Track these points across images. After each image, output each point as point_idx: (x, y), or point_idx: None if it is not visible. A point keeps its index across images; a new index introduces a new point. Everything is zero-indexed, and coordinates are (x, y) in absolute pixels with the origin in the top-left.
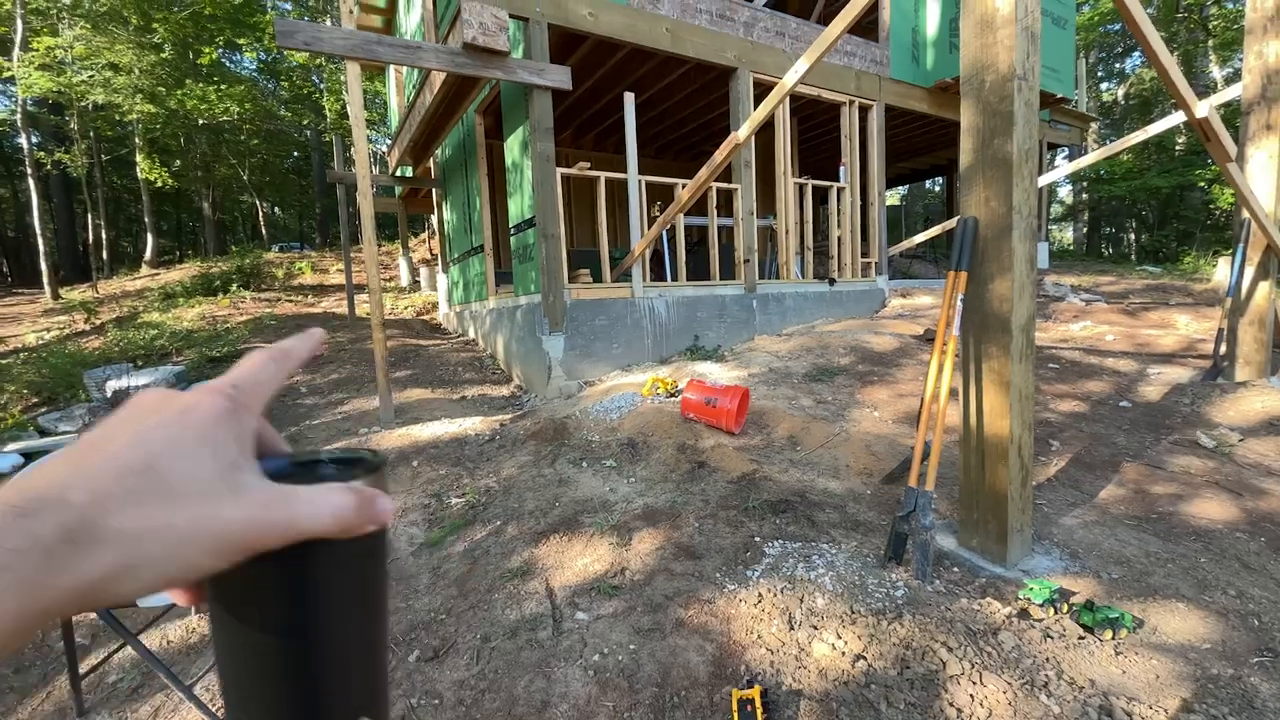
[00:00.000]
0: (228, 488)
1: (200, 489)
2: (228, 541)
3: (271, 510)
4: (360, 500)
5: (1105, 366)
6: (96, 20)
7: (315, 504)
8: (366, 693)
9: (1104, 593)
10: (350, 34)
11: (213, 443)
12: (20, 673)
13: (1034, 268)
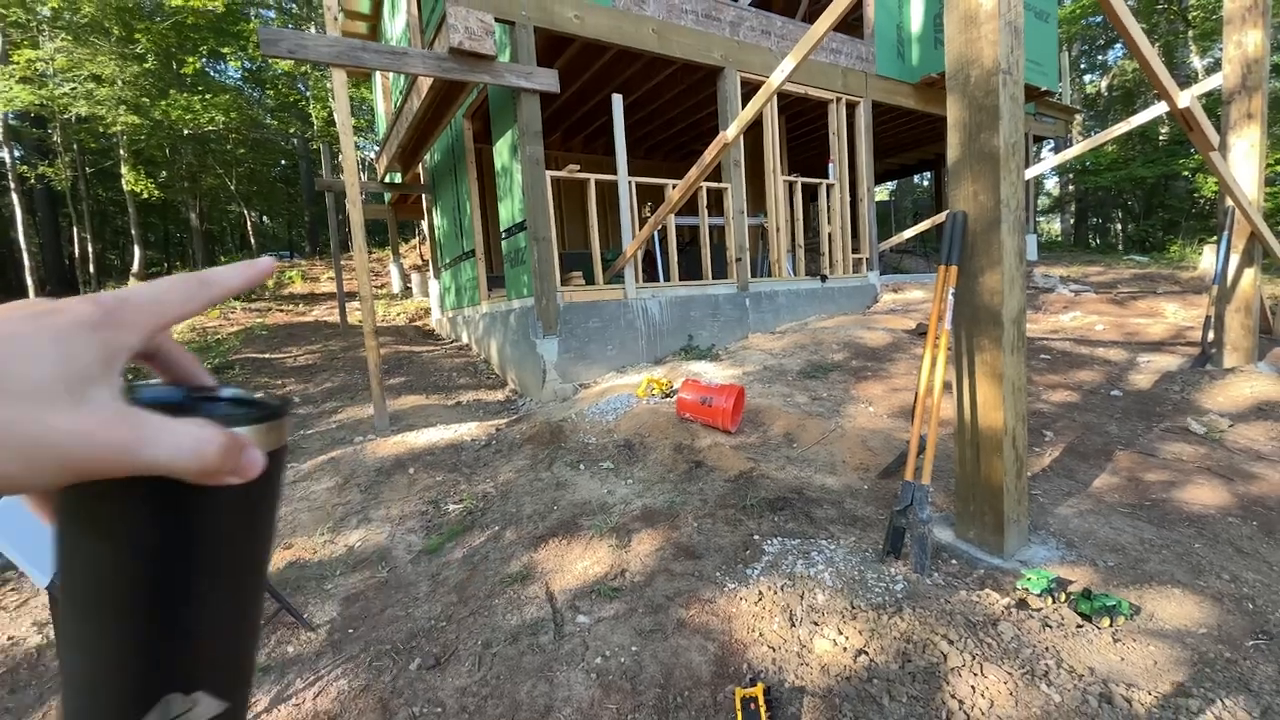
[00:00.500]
0: (69, 397)
1: (32, 390)
2: (46, 451)
3: (113, 431)
4: (229, 445)
5: (1096, 356)
6: (78, 32)
7: (174, 434)
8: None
9: (1101, 581)
10: (335, 41)
11: (68, 348)
12: (16, 692)
13: (1023, 260)
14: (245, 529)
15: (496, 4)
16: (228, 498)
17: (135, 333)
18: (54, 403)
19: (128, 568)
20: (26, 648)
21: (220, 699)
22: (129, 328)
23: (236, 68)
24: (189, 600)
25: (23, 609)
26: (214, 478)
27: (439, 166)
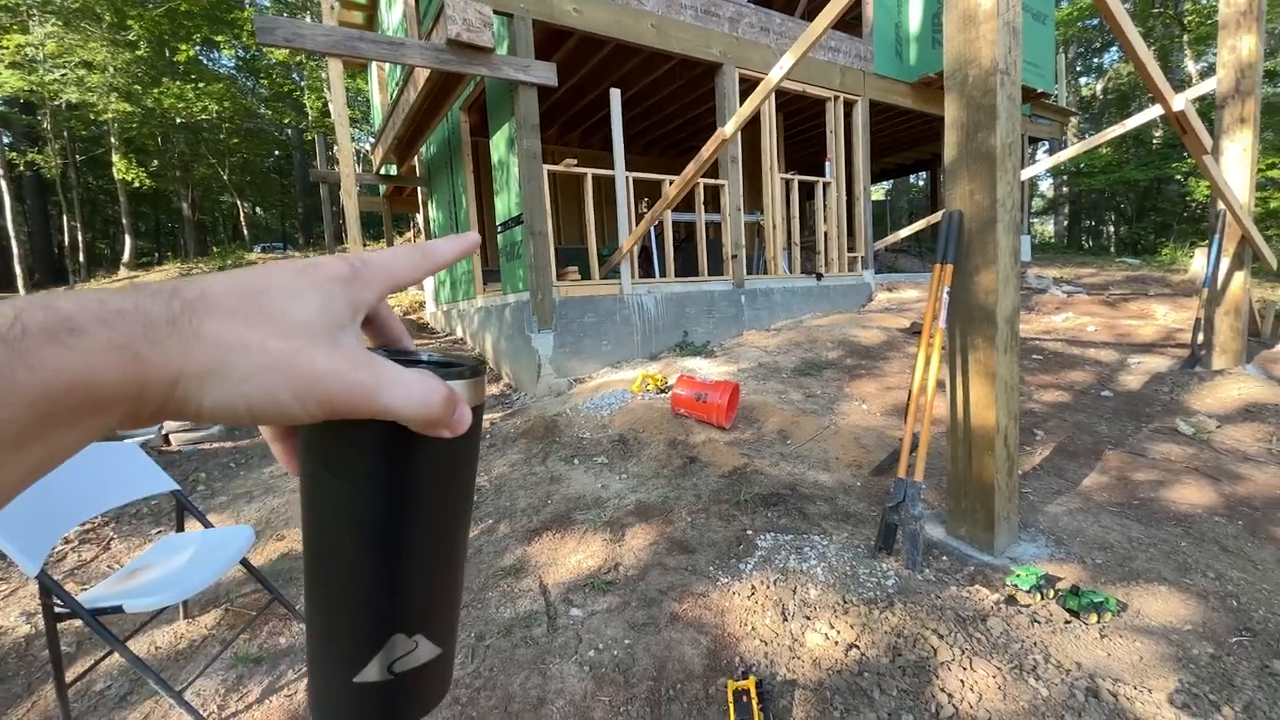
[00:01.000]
0: (326, 337)
1: (301, 328)
2: (310, 386)
3: (360, 372)
4: (448, 398)
5: (1087, 357)
6: (69, 17)
7: (406, 384)
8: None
9: (1089, 578)
10: (332, 30)
11: (326, 295)
12: (4, 682)
13: (1018, 260)
14: (454, 479)
15: None
16: (440, 447)
17: (374, 290)
18: (317, 341)
19: (360, 505)
20: (15, 637)
21: (436, 645)
22: (370, 286)
23: (230, 56)
24: (411, 542)
25: (11, 599)
26: (433, 428)
27: (435, 159)
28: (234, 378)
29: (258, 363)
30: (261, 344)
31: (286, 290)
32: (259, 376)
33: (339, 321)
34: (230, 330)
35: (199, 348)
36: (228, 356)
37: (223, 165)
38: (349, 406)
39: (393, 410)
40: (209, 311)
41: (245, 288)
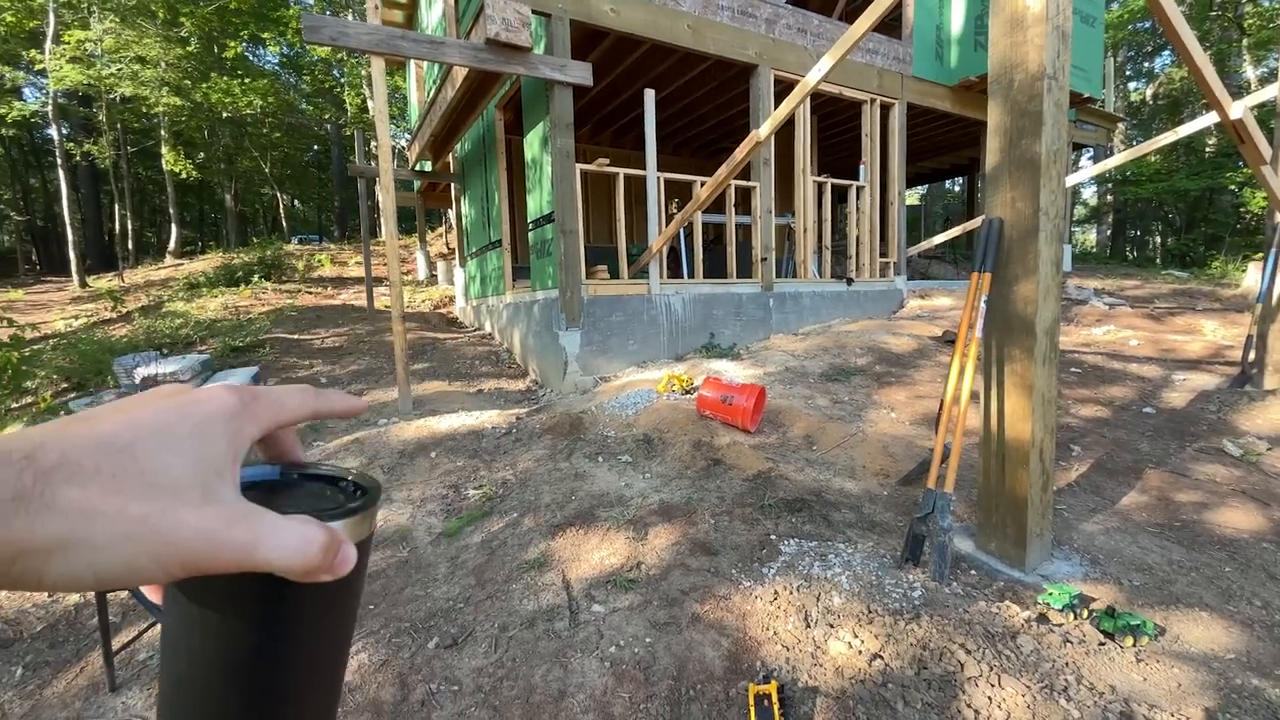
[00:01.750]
0: (200, 493)
1: (172, 485)
2: (175, 548)
3: (233, 529)
4: (328, 544)
5: (1129, 372)
6: (125, 14)
7: (282, 534)
8: None
9: (1125, 599)
10: (375, 29)
11: (204, 440)
12: (55, 648)
13: (1060, 270)
14: (334, 615)
15: None
16: (320, 586)
17: (259, 426)
18: (187, 498)
19: (234, 650)
20: (65, 605)
21: None
22: (255, 421)
23: (275, 53)
24: (288, 684)
25: None
26: (313, 576)
27: (469, 156)
28: (84, 549)
29: (114, 531)
30: (120, 510)
31: (160, 439)
32: (114, 546)
33: (216, 467)
34: (86, 499)
35: (47, 522)
36: (79, 528)
37: (265, 159)
38: (220, 566)
39: (271, 565)
40: (66, 479)
41: (110, 444)
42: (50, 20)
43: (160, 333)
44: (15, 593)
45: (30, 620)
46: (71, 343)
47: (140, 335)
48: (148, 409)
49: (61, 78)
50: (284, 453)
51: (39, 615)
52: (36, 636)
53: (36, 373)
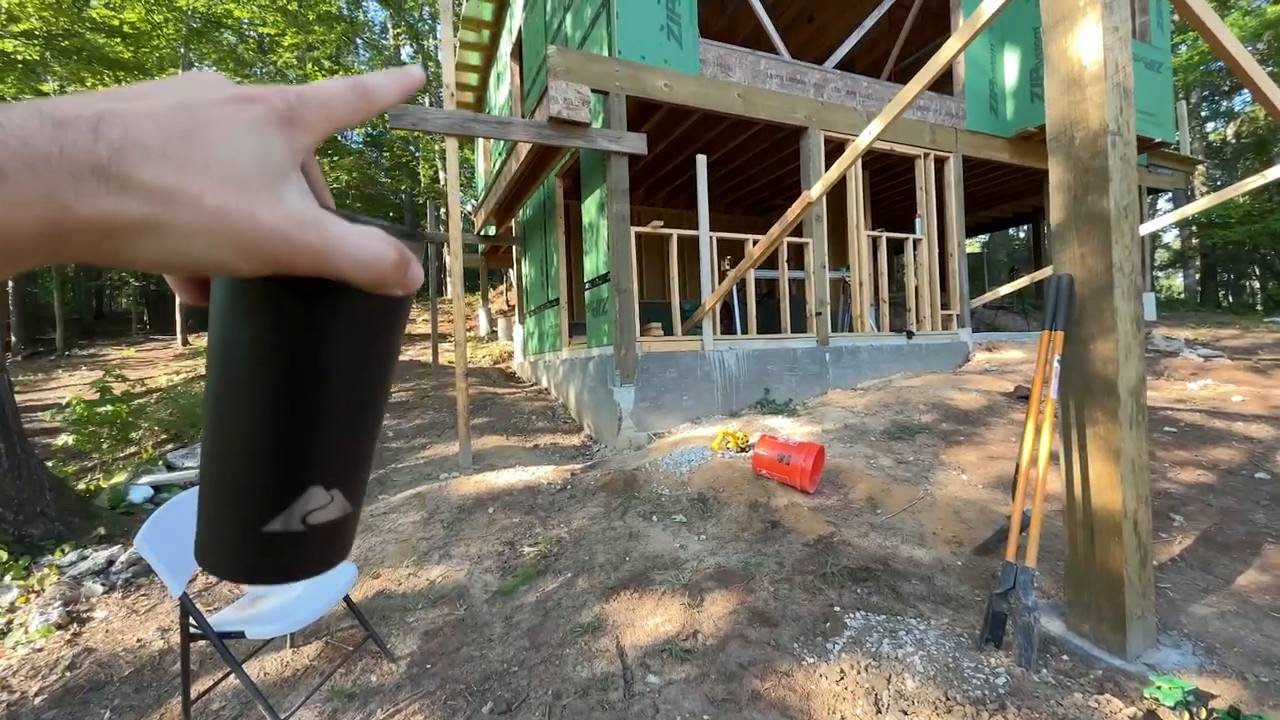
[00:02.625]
0: (269, 190)
1: (240, 178)
2: (256, 245)
3: (307, 230)
4: (401, 256)
5: (1234, 431)
6: None
7: (356, 245)
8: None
9: (1251, 698)
10: (450, 114)
11: (264, 141)
12: (139, 692)
13: (1140, 327)
14: (383, 339)
15: (593, 76)
16: (382, 302)
17: (313, 134)
18: (258, 194)
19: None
20: (151, 651)
21: (349, 502)
22: (306, 127)
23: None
24: (333, 394)
25: (150, 614)
26: (387, 287)
27: (530, 220)
28: (172, 232)
29: (197, 220)
30: (197, 197)
31: (218, 130)
32: (200, 235)
33: (280, 170)
34: (163, 177)
35: (132, 200)
36: (162, 212)
37: None
38: (294, 267)
39: (344, 274)
40: (140, 158)
41: (174, 125)
42: None
43: None
44: (110, 635)
45: (120, 664)
46: (173, 397)
47: None
48: (203, 98)
49: None
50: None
51: (128, 659)
52: (124, 680)
53: (141, 425)
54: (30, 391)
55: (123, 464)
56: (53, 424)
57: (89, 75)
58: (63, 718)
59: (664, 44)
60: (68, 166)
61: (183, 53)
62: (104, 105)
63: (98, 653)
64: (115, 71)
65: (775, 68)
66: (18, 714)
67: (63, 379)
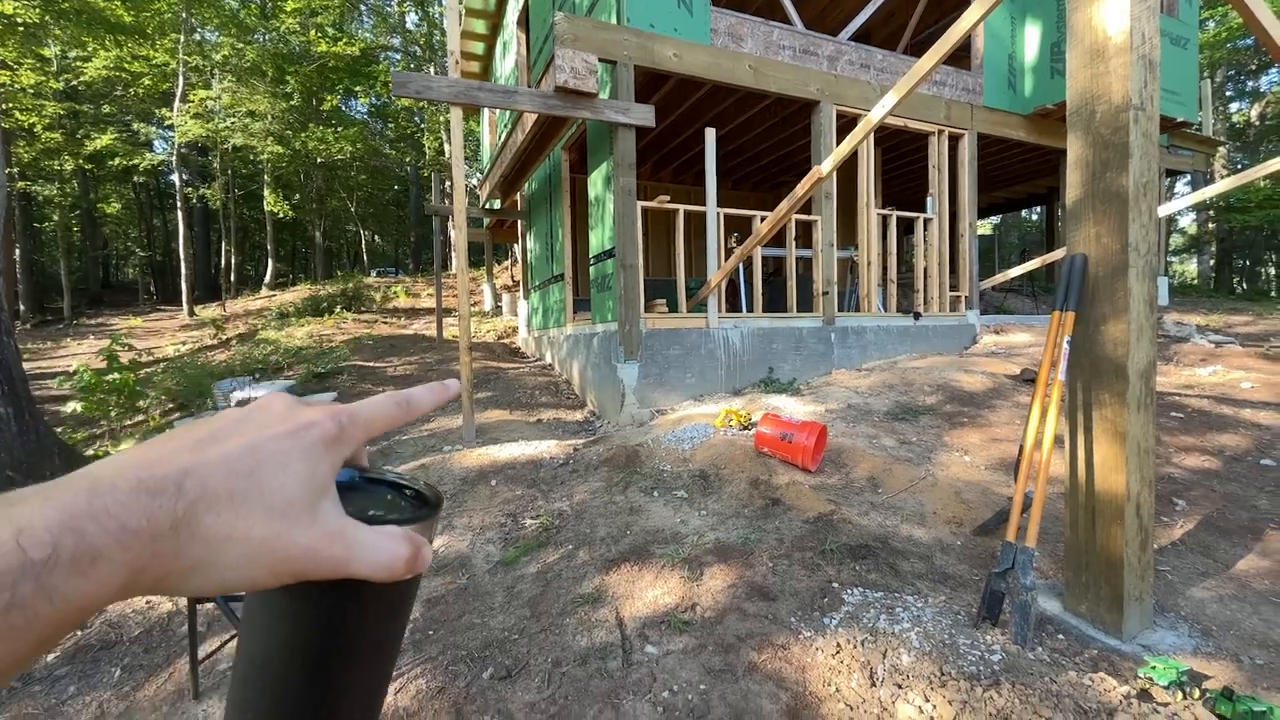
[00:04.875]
0: (307, 512)
1: (286, 507)
2: (287, 564)
3: (333, 545)
4: (413, 551)
5: (1241, 418)
6: (241, 74)
7: (373, 550)
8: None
9: (1245, 680)
10: (455, 83)
11: (312, 464)
12: (149, 652)
13: (1154, 309)
14: (394, 612)
15: (601, 45)
16: (393, 585)
17: (353, 446)
18: (298, 518)
19: (303, 635)
20: (160, 612)
21: None
22: (351, 442)
23: (365, 104)
24: (345, 669)
25: None
26: (399, 577)
27: (535, 194)
28: (218, 567)
29: (241, 553)
30: (247, 534)
31: (276, 464)
32: (240, 565)
33: (320, 488)
34: (222, 523)
35: (193, 547)
36: (216, 552)
37: (351, 199)
38: (319, 575)
39: (362, 575)
40: (208, 508)
41: (237, 469)
42: (179, 82)
43: (254, 359)
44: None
45: (130, 625)
46: (179, 367)
47: (236, 361)
48: (266, 432)
49: (185, 131)
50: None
51: (137, 620)
52: (134, 640)
53: (148, 394)
54: (39, 359)
55: (130, 431)
56: (61, 391)
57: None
58: (74, 674)
59: (674, 12)
60: (151, 533)
61: (184, 17)
62: (188, 461)
63: (108, 613)
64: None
65: (788, 38)
66: (30, 671)
67: (71, 347)
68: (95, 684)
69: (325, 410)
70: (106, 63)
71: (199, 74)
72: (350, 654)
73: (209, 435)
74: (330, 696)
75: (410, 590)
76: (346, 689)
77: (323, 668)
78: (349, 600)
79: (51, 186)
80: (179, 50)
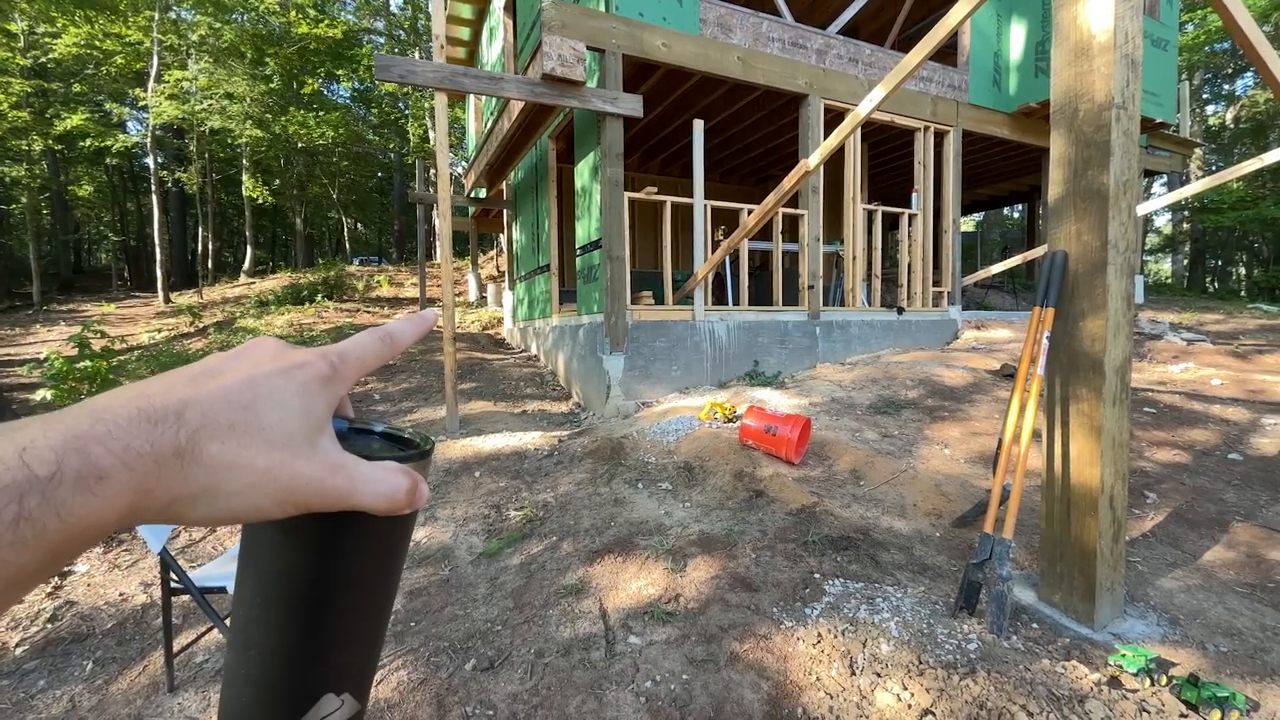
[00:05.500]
0: (307, 445)
1: (286, 439)
2: (292, 494)
3: (336, 476)
4: (412, 483)
5: (1211, 414)
6: (218, 55)
7: (374, 481)
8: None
9: (1210, 667)
10: (440, 67)
11: (308, 401)
12: (122, 645)
13: (1131, 306)
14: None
15: (589, 32)
16: (391, 520)
17: (346, 385)
18: (299, 450)
19: (306, 569)
20: (134, 605)
21: (358, 701)
22: (344, 381)
23: (347, 88)
24: (352, 606)
25: (133, 569)
26: (395, 512)
27: (522, 184)
28: (223, 494)
29: (246, 480)
30: (250, 462)
31: (273, 398)
32: (246, 492)
33: (318, 424)
34: (226, 451)
35: (198, 473)
36: (221, 479)
37: (333, 185)
38: (323, 506)
39: (364, 507)
40: (210, 436)
41: (236, 402)
42: (154, 62)
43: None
44: (92, 589)
45: (102, 617)
46: (154, 354)
47: (213, 349)
48: (261, 369)
49: (160, 113)
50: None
51: (110, 613)
52: (106, 633)
53: (122, 381)
54: (7, 346)
55: None
56: (31, 379)
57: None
58: (44, 668)
59: (663, 0)
60: (155, 457)
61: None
62: (187, 393)
63: (79, 606)
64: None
65: (777, 30)
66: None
67: (40, 334)
68: (66, 677)
69: (315, 351)
70: (77, 39)
71: (174, 54)
72: (353, 588)
73: (203, 371)
74: (334, 634)
75: (408, 526)
76: (350, 626)
77: (326, 603)
78: (350, 532)
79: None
80: (153, 28)
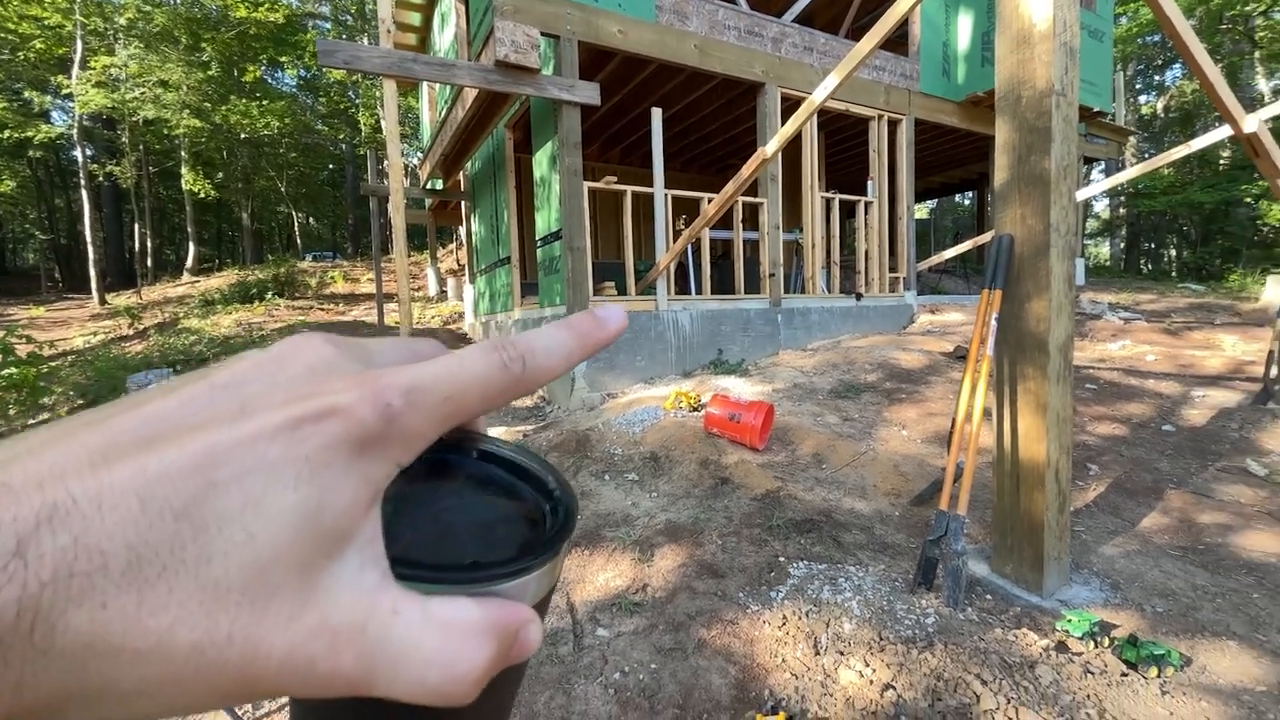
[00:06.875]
0: (296, 590)
1: (249, 580)
2: (245, 686)
3: (342, 652)
4: (499, 650)
5: (1146, 388)
6: (149, 40)
7: (416, 658)
8: None
9: (1148, 627)
10: (388, 53)
11: (320, 489)
12: None
13: (1072, 286)
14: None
15: (543, 18)
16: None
17: (410, 450)
18: (274, 605)
19: None
20: None
21: None
22: (408, 441)
23: (293, 76)
24: None
25: None
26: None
27: (479, 174)
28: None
29: (148, 674)
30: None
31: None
32: (149, 694)
33: (330, 535)
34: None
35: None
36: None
37: (281, 178)
38: (323, 694)
39: (398, 697)
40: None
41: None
42: (78, 47)
43: (174, 350)
44: None
45: None
46: (89, 360)
47: (155, 352)
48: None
49: (87, 102)
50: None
51: None
52: None
53: (54, 389)
54: None
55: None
56: None
57: None
58: None
59: None
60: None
61: None
62: (64, 490)
63: None
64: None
65: (733, 18)
66: None
67: None
68: None
69: (366, 383)
70: None
71: (100, 38)
72: None
73: (123, 441)
74: None
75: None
76: None
77: None
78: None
79: None
80: (74, 10)
